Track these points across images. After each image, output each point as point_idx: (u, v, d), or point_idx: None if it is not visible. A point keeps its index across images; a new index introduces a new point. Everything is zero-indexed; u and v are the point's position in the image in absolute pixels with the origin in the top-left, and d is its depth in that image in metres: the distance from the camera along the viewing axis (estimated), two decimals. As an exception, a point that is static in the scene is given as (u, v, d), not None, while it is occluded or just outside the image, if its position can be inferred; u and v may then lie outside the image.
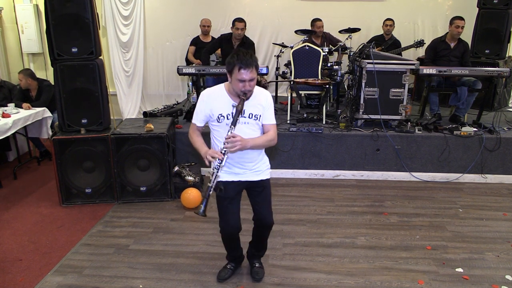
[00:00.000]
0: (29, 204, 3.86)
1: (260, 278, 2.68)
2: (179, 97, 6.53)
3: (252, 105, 2.33)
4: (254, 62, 2.19)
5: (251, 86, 2.23)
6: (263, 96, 2.36)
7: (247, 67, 2.16)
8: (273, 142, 2.39)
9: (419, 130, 4.41)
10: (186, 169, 4.15)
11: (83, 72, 3.64)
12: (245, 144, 2.23)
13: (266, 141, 2.37)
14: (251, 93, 2.29)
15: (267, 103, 2.36)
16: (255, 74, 2.21)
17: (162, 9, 6.39)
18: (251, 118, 2.34)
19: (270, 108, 2.37)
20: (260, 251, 2.75)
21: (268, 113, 2.36)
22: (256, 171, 2.44)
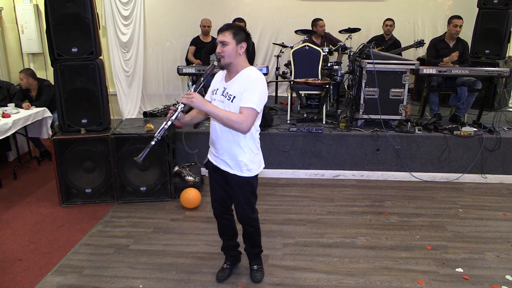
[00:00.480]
0: (29, 204, 3.86)
1: (259, 280, 2.67)
2: (179, 97, 6.52)
3: (235, 85, 2.24)
4: (230, 27, 2.20)
5: (223, 51, 2.19)
6: (247, 76, 2.22)
7: (222, 30, 2.20)
8: (237, 124, 2.16)
9: (419, 130, 4.41)
10: (186, 169, 4.15)
11: (83, 72, 3.64)
12: (200, 103, 2.15)
13: (227, 117, 2.16)
14: (225, 61, 2.21)
15: (247, 84, 2.19)
16: (228, 39, 2.17)
17: (162, 9, 6.39)
18: (225, 97, 2.26)
19: (250, 89, 2.17)
20: (253, 248, 2.69)
21: (245, 95, 2.17)
22: (228, 164, 2.36)
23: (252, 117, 2.18)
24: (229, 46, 2.19)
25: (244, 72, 2.25)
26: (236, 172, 2.35)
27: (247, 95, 2.18)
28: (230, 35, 2.19)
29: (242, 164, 2.33)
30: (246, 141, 2.31)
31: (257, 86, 2.19)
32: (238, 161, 2.33)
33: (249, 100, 2.17)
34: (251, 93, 2.17)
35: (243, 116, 2.17)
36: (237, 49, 2.21)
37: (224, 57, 2.21)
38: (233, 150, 2.32)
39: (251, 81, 2.19)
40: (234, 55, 2.21)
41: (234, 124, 2.17)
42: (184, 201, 3.71)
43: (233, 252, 2.77)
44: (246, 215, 2.47)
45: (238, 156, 2.32)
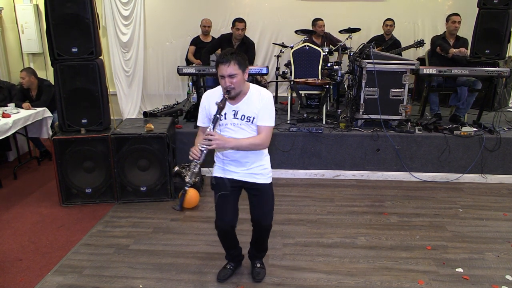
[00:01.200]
0: (29, 204, 3.87)
1: (261, 279, 2.68)
2: (179, 97, 6.54)
3: (247, 106, 2.28)
4: (234, 57, 2.15)
5: (232, 83, 2.18)
6: (259, 96, 2.28)
7: (225, 62, 2.15)
8: (260, 146, 2.30)
9: (419, 130, 4.41)
10: (186, 169, 4.15)
11: (83, 72, 3.64)
12: (225, 143, 2.21)
13: (251, 144, 2.27)
14: (236, 92, 2.22)
15: (262, 104, 2.27)
16: (235, 70, 2.16)
17: (162, 9, 6.40)
18: (243, 120, 2.29)
19: (265, 109, 2.27)
20: (260, 252, 2.74)
21: (262, 113, 2.26)
22: (251, 173, 2.40)
23: (270, 133, 2.32)
24: (238, 77, 2.19)
25: (252, 91, 2.30)
26: (265, 181, 2.44)
27: (265, 114, 2.27)
28: (236, 66, 2.17)
29: (266, 171, 2.44)
30: (265, 150, 2.45)
31: (271, 104, 2.30)
32: (264, 169, 2.43)
33: (267, 119, 2.29)
34: (268, 112, 2.28)
35: (264, 135, 2.29)
36: (244, 77, 2.24)
37: (235, 88, 2.21)
38: (257, 162, 2.40)
39: (266, 101, 2.28)
40: (242, 83, 2.25)
41: (259, 147, 2.32)
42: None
43: (236, 257, 2.78)
44: (269, 221, 2.52)
45: (264, 165, 2.43)
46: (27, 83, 4.85)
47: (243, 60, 2.21)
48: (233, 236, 2.60)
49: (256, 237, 2.63)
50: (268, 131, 2.30)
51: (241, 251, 2.78)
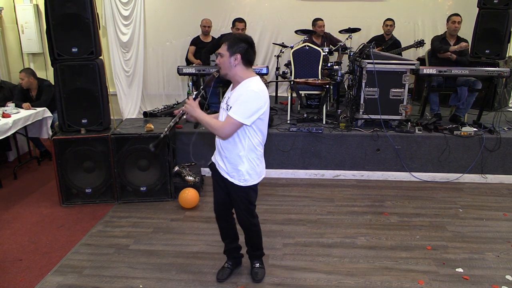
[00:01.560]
0: (29, 204, 3.87)
1: (260, 279, 2.68)
2: (179, 97, 6.54)
3: (234, 95, 2.30)
4: (227, 39, 2.27)
5: (219, 62, 2.29)
6: (244, 89, 2.25)
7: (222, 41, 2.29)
8: (217, 131, 2.26)
9: (419, 130, 4.41)
10: (186, 169, 4.15)
11: (83, 72, 3.64)
12: (192, 110, 2.27)
13: (208, 123, 2.26)
14: (222, 72, 2.30)
15: (239, 96, 2.23)
16: (223, 50, 2.25)
17: (162, 9, 6.40)
18: (227, 107, 2.31)
19: (239, 101, 2.21)
20: (254, 251, 2.72)
21: (235, 105, 2.22)
22: (227, 172, 2.39)
23: (231, 126, 2.23)
24: (223, 58, 2.26)
25: (244, 83, 2.28)
26: (233, 181, 2.39)
27: (236, 106, 2.23)
28: (225, 47, 2.25)
29: (240, 173, 2.36)
30: (245, 152, 2.34)
31: (246, 98, 2.22)
32: (237, 170, 2.37)
33: (234, 110, 2.22)
34: (239, 104, 2.22)
35: (222, 123, 2.26)
36: (231, 61, 2.24)
37: (220, 68, 2.31)
38: (232, 159, 2.36)
39: (244, 93, 2.24)
40: (228, 66, 2.26)
41: (213, 130, 2.27)
42: (182, 201, 3.71)
43: (235, 254, 2.78)
44: (247, 220, 2.52)
45: (237, 165, 2.36)
46: (26, 84, 4.85)
47: (234, 44, 2.24)
48: (226, 225, 2.64)
49: (245, 235, 2.66)
50: (230, 122, 2.22)
51: (239, 249, 2.79)
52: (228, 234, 2.70)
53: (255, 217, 2.56)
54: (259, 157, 2.41)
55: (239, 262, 2.82)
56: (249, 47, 2.26)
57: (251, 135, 2.31)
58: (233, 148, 2.34)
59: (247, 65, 2.30)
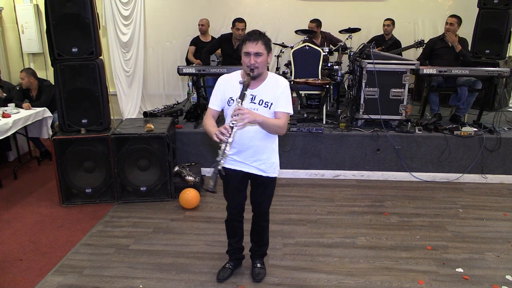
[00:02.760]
0: (30, 204, 3.87)
1: (260, 279, 2.68)
2: (179, 97, 6.54)
3: (265, 92, 2.29)
4: (262, 37, 2.21)
5: (257, 62, 2.19)
6: (277, 83, 2.30)
7: (254, 40, 2.19)
8: (280, 130, 2.31)
9: (419, 130, 4.41)
10: (186, 169, 4.15)
11: (83, 72, 3.64)
12: (255, 117, 2.13)
13: (275, 125, 2.27)
14: (259, 71, 2.23)
15: (280, 90, 2.29)
16: (261, 49, 2.19)
17: (162, 9, 6.39)
18: (261, 105, 2.29)
19: (283, 96, 2.29)
20: (261, 247, 2.73)
21: (280, 100, 2.29)
22: (261, 169, 2.43)
23: (287, 121, 2.35)
24: (263, 57, 2.22)
25: (271, 78, 2.32)
26: (269, 175, 2.46)
27: (282, 101, 2.29)
28: (263, 46, 2.22)
29: (275, 165, 2.47)
30: (274, 144, 2.46)
31: (288, 92, 2.32)
32: (271, 163, 2.44)
33: (286, 106, 2.30)
34: (285, 99, 2.30)
35: (284, 121, 2.31)
36: (268, 59, 2.28)
37: (258, 67, 2.22)
38: (268, 154, 2.42)
39: (284, 87, 2.30)
40: (265, 65, 2.27)
41: (279, 129, 2.31)
42: (183, 201, 3.71)
43: (238, 254, 2.79)
44: (267, 209, 2.60)
45: (271, 158, 2.44)
46: (26, 84, 4.85)
47: (269, 42, 2.27)
48: (237, 225, 2.66)
49: (255, 227, 2.66)
50: (287, 117, 2.33)
51: (242, 249, 2.79)
52: (237, 233, 2.71)
53: None
54: None
55: (240, 263, 2.83)
56: None
57: None
58: (271, 143, 2.43)
59: None
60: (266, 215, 2.63)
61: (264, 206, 2.59)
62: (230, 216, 2.61)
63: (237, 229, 2.68)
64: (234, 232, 2.69)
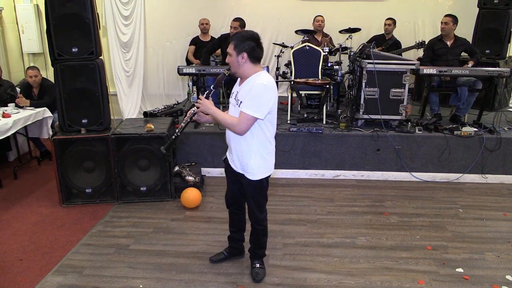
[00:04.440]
0: (30, 204, 3.87)
1: (260, 279, 2.68)
2: (180, 97, 6.54)
3: (243, 90, 2.34)
4: (233, 38, 2.30)
5: (228, 61, 2.34)
6: (253, 83, 2.28)
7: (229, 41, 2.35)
8: (233, 128, 2.31)
9: (419, 130, 4.41)
10: (187, 169, 4.15)
11: (84, 72, 3.64)
12: (206, 108, 2.37)
13: (225, 120, 2.34)
14: (232, 71, 2.35)
15: (250, 91, 2.26)
16: (230, 50, 2.30)
17: (163, 9, 6.39)
18: (236, 101, 2.37)
19: (251, 96, 2.25)
20: (257, 249, 2.73)
21: (246, 100, 2.26)
22: (236, 165, 2.48)
23: (246, 121, 2.28)
24: (232, 58, 2.31)
25: (253, 77, 2.32)
26: (244, 174, 2.47)
27: (248, 101, 2.27)
28: (232, 46, 2.30)
29: (248, 167, 2.43)
30: (256, 147, 2.39)
31: (257, 92, 2.25)
32: (244, 163, 2.43)
33: (247, 106, 2.27)
34: (250, 99, 2.26)
35: (237, 119, 2.30)
36: (238, 60, 2.29)
37: (230, 66, 2.36)
38: (241, 153, 2.42)
39: (254, 87, 2.26)
40: (236, 65, 2.32)
41: (229, 126, 2.34)
42: (184, 201, 3.71)
43: (235, 244, 2.87)
44: (254, 213, 2.58)
45: (245, 159, 2.42)
46: (38, 81, 4.87)
47: (241, 42, 2.27)
48: (234, 216, 2.76)
49: (252, 230, 2.69)
50: (244, 117, 2.27)
51: (241, 241, 2.87)
52: (234, 224, 2.80)
53: (263, 212, 2.61)
54: (270, 152, 2.47)
55: (237, 252, 2.89)
56: (255, 44, 2.29)
57: (262, 129, 2.36)
58: (244, 142, 2.39)
59: (255, 62, 2.32)
60: (259, 220, 2.59)
61: (250, 208, 2.56)
62: (226, 203, 2.76)
63: (234, 219, 2.78)
64: (233, 221, 2.80)
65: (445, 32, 4.80)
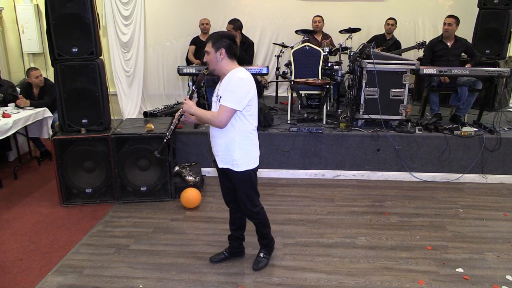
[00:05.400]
0: (30, 204, 3.87)
1: (258, 268, 2.76)
2: (180, 97, 6.53)
3: (221, 87, 2.43)
4: (211, 36, 2.42)
5: (206, 59, 2.44)
6: (229, 78, 2.39)
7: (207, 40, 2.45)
8: (214, 121, 2.40)
9: (419, 130, 4.40)
10: (187, 169, 4.15)
11: (84, 72, 3.64)
12: (189, 107, 2.43)
13: (205, 116, 2.43)
14: (211, 69, 2.45)
15: (228, 85, 2.37)
16: (208, 48, 2.40)
17: (163, 9, 6.39)
18: (217, 98, 2.45)
19: (227, 90, 2.36)
20: (261, 239, 2.83)
21: (225, 94, 2.37)
22: (221, 159, 2.53)
23: (225, 113, 2.36)
24: (210, 55, 2.41)
25: (230, 73, 2.41)
26: (228, 166, 2.51)
27: (225, 94, 2.37)
28: (210, 44, 2.40)
29: (231, 159, 2.49)
30: (236, 140, 2.45)
31: (234, 86, 2.36)
32: (227, 156, 2.49)
33: (224, 98, 2.37)
34: (228, 92, 2.36)
35: (217, 113, 2.40)
36: (217, 56, 2.39)
37: (209, 65, 2.46)
38: (224, 146, 2.49)
39: (230, 81, 2.38)
40: (215, 62, 2.42)
41: (210, 121, 2.42)
42: (184, 201, 3.71)
43: (235, 243, 2.89)
44: (246, 207, 2.61)
45: (228, 152, 2.48)
46: (41, 81, 4.88)
47: (218, 40, 2.39)
48: (234, 212, 2.78)
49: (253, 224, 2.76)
50: (223, 110, 2.36)
51: (241, 239, 2.89)
52: (235, 221, 2.82)
53: (256, 206, 2.63)
54: (254, 143, 2.54)
55: (237, 252, 2.91)
56: (231, 41, 2.41)
57: (243, 122, 2.43)
58: (227, 136, 2.45)
59: (232, 58, 2.44)
60: (250, 213, 2.64)
61: (242, 202, 2.61)
62: (225, 201, 2.79)
63: (235, 216, 2.80)
64: (233, 218, 2.82)
65: (448, 33, 4.80)
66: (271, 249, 2.89)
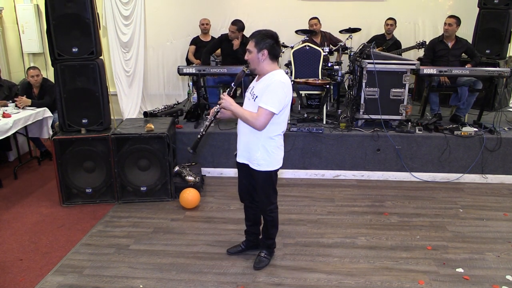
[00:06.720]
0: (30, 204, 3.87)
1: (259, 267, 2.78)
2: (180, 97, 6.54)
3: (259, 85, 2.46)
4: (254, 35, 2.43)
5: (247, 58, 2.44)
6: (270, 79, 2.40)
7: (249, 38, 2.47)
8: (253, 123, 2.40)
9: (419, 130, 4.40)
10: (187, 169, 4.15)
11: (84, 72, 3.64)
12: (228, 104, 2.44)
13: (245, 116, 2.43)
14: (251, 67, 2.46)
15: (267, 87, 2.38)
16: (251, 47, 2.41)
17: (163, 9, 6.39)
18: (251, 95, 2.49)
19: (267, 91, 2.37)
20: (266, 239, 2.86)
21: (264, 96, 2.38)
22: (245, 157, 2.58)
23: (265, 116, 2.38)
24: (252, 54, 2.42)
25: (270, 74, 2.45)
26: (250, 165, 2.58)
27: (264, 96, 2.37)
28: (252, 44, 2.41)
29: (254, 158, 2.54)
30: (261, 141, 2.49)
31: (275, 88, 2.36)
32: (251, 155, 2.55)
33: (265, 101, 2.37)
34: (267, 95, 2.36)
35: (256, 115, 2.40)
36: (259, 57, 2.41)
37: (250, 63, 2.47)
38: (249, 146, 2.54)
39: (271, 84, 2.37)
40: (256, 62, 2.43)
41: (249, 122, 2.42)
42: (183, 201, 3.71)
43: (251, 237, 2.96)
44: (263, 204, 2.69)
45: (252, 151, 2.53)
46: (39, 80, 4.88)
47: (261, 40, 2.40)
48: (249, 209, 2.85)
49: (263, 221, 2.82)
50: (263, 113, 2.37)
51: (257, 234, 2.96)
52: (249, 217, 2.90)
53: (272, 204, 2.70)
54: (278, 146, 2.55)
55: (253, 245, 2.96)
56: (274, 42, 2.43)
57: (272, 124, 2.45)
58: (253, 136, 2.49)
59: (273, 60, 2.46)
60: (269, 211, 2.71)
61: (259, 198, 2.68)
62: (240, 198, 2.86)
63: (249, 213, 2.87)
64: (247, 214, 2.89)
65: (448, 33, 4.80)
66: (272, 251, 2.93)
